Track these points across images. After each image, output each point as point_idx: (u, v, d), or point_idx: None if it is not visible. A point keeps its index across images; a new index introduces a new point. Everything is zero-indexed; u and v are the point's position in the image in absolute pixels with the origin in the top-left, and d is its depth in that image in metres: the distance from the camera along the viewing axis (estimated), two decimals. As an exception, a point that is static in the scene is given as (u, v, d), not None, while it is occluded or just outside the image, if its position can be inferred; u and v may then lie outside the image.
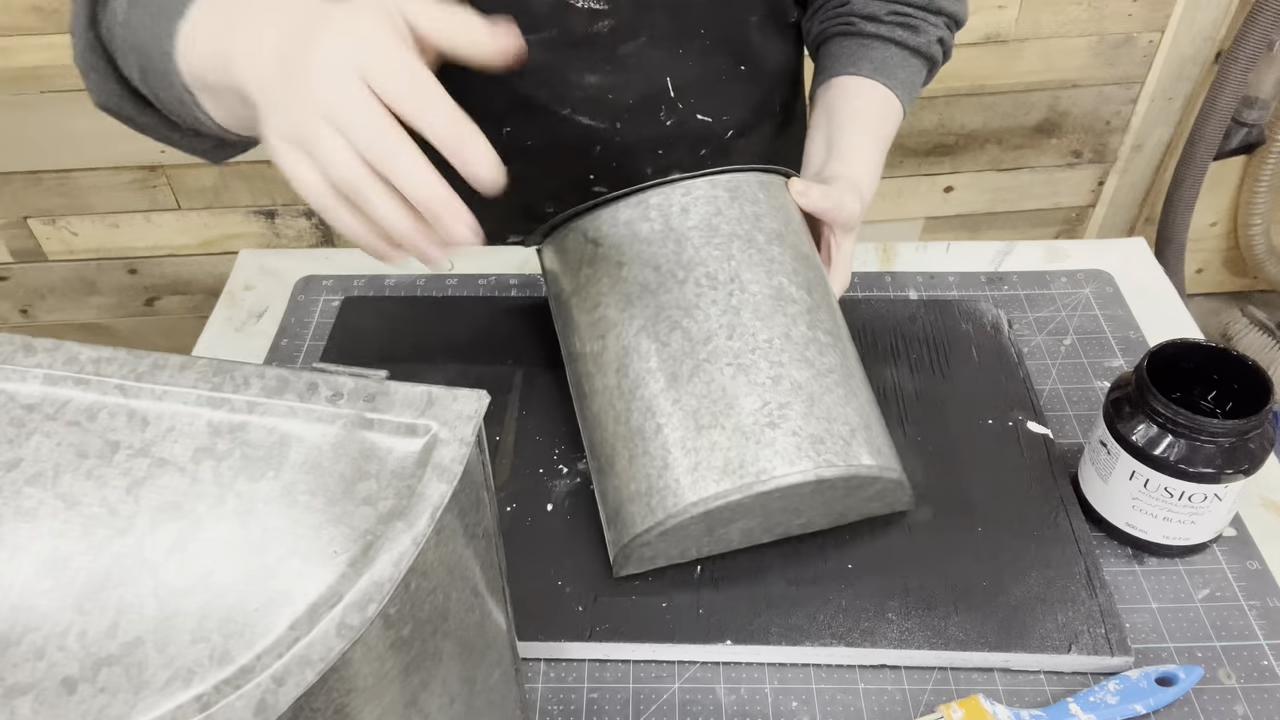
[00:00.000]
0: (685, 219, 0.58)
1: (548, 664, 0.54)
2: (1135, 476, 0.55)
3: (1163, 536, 0.56)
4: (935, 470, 0.62)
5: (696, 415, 0.53)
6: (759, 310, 0.55)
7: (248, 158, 1.59)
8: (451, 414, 0.32)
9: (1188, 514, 0.54)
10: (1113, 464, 0.56)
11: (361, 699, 0.31)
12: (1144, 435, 0.54)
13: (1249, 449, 0.52)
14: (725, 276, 0.56)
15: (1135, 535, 0.57)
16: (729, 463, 0.51)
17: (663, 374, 0.55)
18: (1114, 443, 0.55)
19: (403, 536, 0.29)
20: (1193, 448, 0.52)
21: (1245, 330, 1.69)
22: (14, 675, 0.28)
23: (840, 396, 0.54)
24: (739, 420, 0.52)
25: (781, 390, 0.53)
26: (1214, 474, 0.52)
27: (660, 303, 0.56)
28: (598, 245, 0.59)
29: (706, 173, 0.59)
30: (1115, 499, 0.57)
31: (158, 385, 0.33)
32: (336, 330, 0.74)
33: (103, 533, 0.30)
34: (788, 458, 0.51)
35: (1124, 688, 0.50)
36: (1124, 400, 0.55)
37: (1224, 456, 0.52)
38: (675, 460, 0.52)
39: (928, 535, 0.58)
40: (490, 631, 0.39)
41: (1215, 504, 0.54)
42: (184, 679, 0.27)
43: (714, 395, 0.53)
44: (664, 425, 0.53)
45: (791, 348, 0.54)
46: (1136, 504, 0.55)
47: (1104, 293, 0.75)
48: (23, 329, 1.73)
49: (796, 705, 0.51)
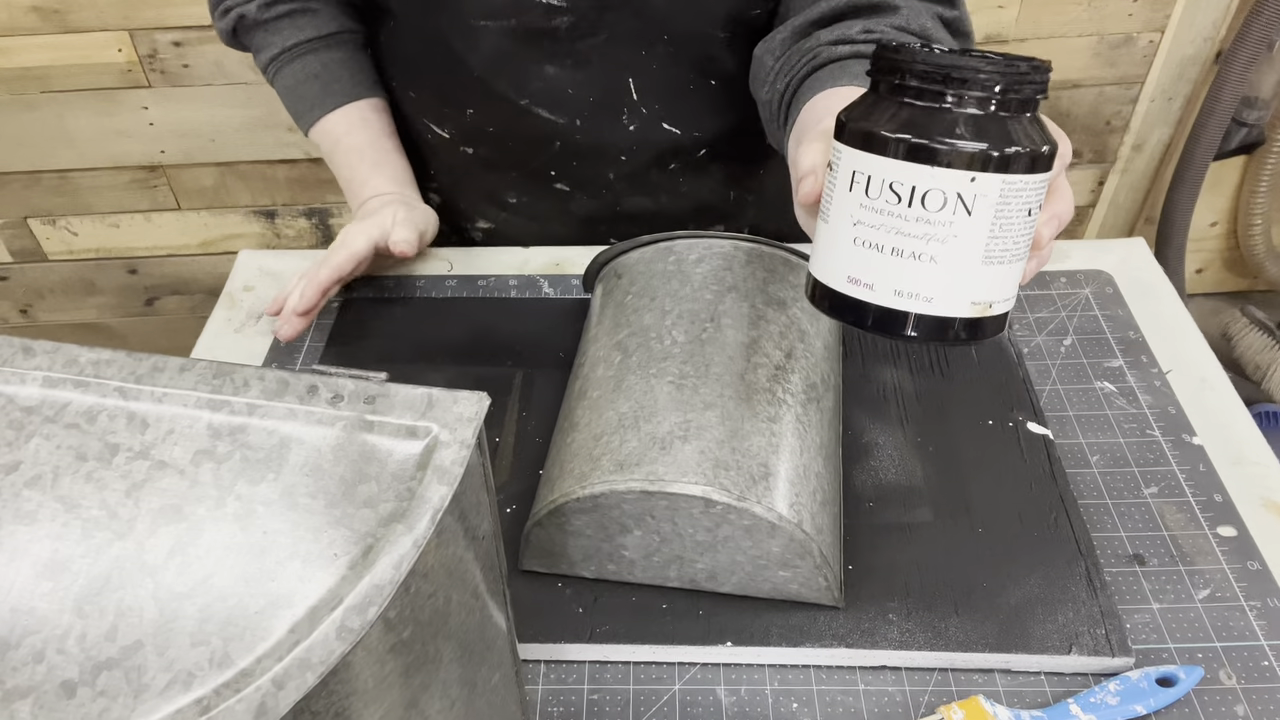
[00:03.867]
0: (697, 266, 0.62)
1: (548, 665, 0.54)
2: (856, 182, 0.41)
3: (893, 292, 0.41)
4: (935, 471, 0.62)
5: (621, 417, 0.54)
6: (724, 350, 0.57)
7: (248, 158, 1.58)
8: (452, 416, 0.32)
9: (922, 236, 0.40)
10: (833, 183, 0.43)
11: (362, 701, 0.31)
12: (874, 111, 0.41)
13: (1008, 128, 0.39)
14: (706, 316, 0.59)
15: (857, 298, 0.42)
16: (626, 460, 0.51)
17: (612, 381, 0.57)
18: (836, 145, 0.42)
19: (403, 539, 0.29)
20: (933, 112, 0.39)
21: (1245, 330, 1.69)
22: (13, 678, 0.28)
23: (770, 446, 0.52)
24: (655, 428, 0.53)
25: (708, 416, 0.53)
26: (954, 151, 0.39)
27: (640, 324, 0.59)
28: (618, 278, 0.65)
29: (737, 236, 0.64)
30: (837, 243, 0.43)
31: (157, 387, 0.33)
32: (336, 332, 0.74)
33: (102, 535, 0.30)
34: (682, 469, 0.50)
35: (1124, 688, 0.50)
36: (851, 104, 0.43)
37: (973, 126, 0.39)
38: (582, 451, 0.54)
39: (928, 536, 0.58)
40: (491, 633, 0.39)
41: (962, 222, 0.40)
42: (184, 682, 0.27)
43: (645, 404, 0.54)
44: (592, 423, 0.55)
45: (740, 387, 0.55)
46: (859, 232, 0.42)
47: (1104, 293, 0.75)
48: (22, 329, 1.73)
49: (797, 706, 0.51)
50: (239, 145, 1.49)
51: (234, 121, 1.46)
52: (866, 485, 0.61)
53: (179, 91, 1.43)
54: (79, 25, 1.35)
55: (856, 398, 0.67)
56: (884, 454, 0.63)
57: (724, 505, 0.50)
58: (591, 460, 0.53)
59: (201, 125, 1.46)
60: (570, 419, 0.58)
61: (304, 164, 1.52)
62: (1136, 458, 0.63)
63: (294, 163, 1.52)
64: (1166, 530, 0.59)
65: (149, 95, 1.43)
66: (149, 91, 1.42)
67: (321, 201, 1.57)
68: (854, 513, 0.59)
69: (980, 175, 0.39)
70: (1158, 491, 0.61)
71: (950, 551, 0.57)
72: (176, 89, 1.42)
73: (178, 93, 1.43)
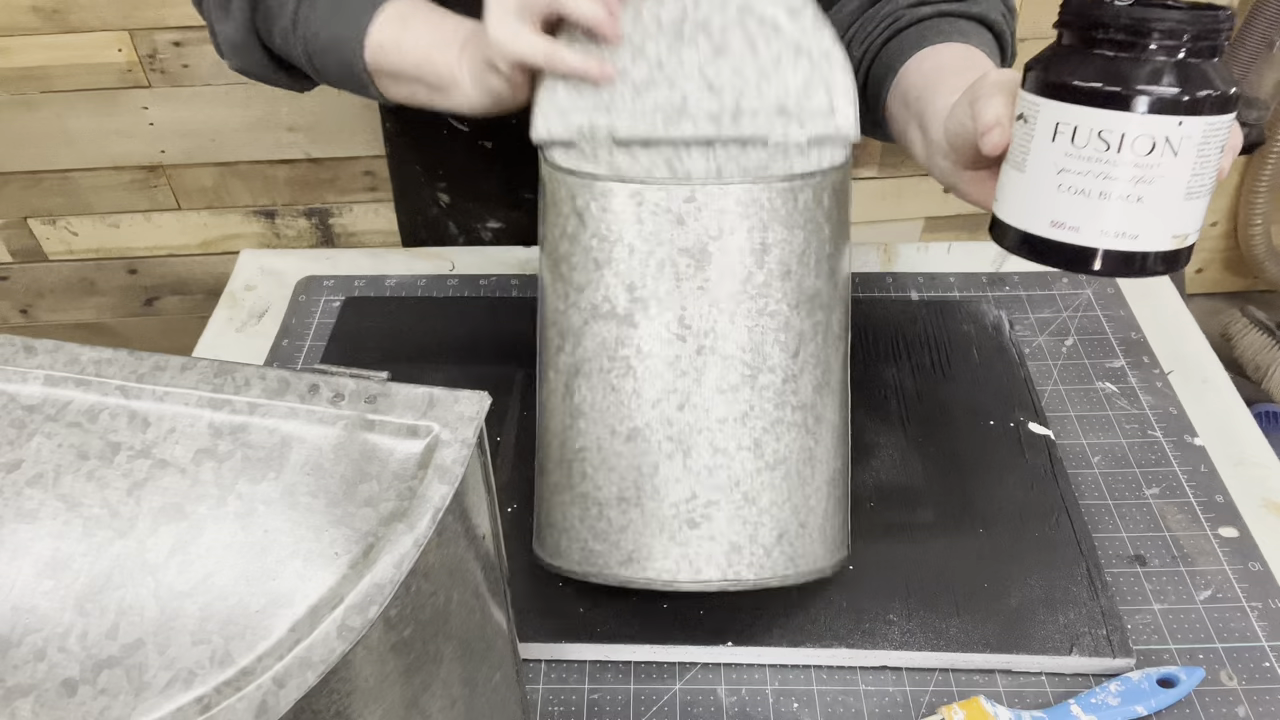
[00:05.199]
0: (677, 234, 0.50)
1: (549, 665, 0.54)
2: (1060, 133, 0.43)
3: (1099, 232, 0.44)
4: (936, 471, 0.62)
5: (621, 485, 0.51)
6: (723, 381, 0.50)
7: (248, 157, 1.59)
8: (453, 415, 0.32)
9: (1131, 179, 0.42)
10: (1031, 134, 0.44)
11: (363, 700, 0.31)
12: (1072, 64, 0.43)
13: (1205, 73, 0.41)
14: (700, 327, 0.50)
15: (1062, 240, 0.45)
16: (636, 551, 0.50)
17: (602, 422, 0.51)
18: (1032, 98, 0.44)
19: (404, 538, 0.29)
20: (1136, 62, 0.41)
21: (1245, 330, 1.69)
22: (14, 677, 0.28)
23: (782, 493, 0.51)
24: (659, 508, 0.50)
25: (715, 483, 0.50)
26: (1162, 98, 0.41)
27: (622, 335, 0.51)
28: (581, 223, 0.52)
29: (718, 182, 0.51)
30: (1036, 190, 0.45)
31: (159, 386, 0.33)
32: (337, 331, 0.74)
33: (104, 534, 0.30)
34: (695, 566, 0.50)
35: (1125, 689, 0.50)
36: (1041, 57, 0.45)
37: (1176, 73, 0.41)
38: (590, 519, 0.51)
39: (929, 537, 0.58)
40: (491, 632, 0.39)
41: (1169, 163, 0.42)
42: (185, 681, 0.27)
43: (645, 469, 0.50)
44: (589, 476, 0.51)
45: (745, 433, 0.50)
46: (1064, 179, 0.44)
47: (1105, 293, 0.75)
48: (23, 329, 1.73)
49: (798, 707, 0.51)
50: (239, 145, 1.49)
51: (234, 121, 1.46)
52: (867, 485, 0.61)
53: (179, 91, 1.43)
54: (79, 25, 1.35)
55: (857, 398, 0.67)
56: (885, 454, 0.63)
57: (741, 589, 0.51)
58: (599, 539, 0.51)
59: (201, 125, 1.46)
60: (562, 446, 0.53)
61: (304, 164, 1.52)
62: (1138, 458, 0.63)
63: (294, 163, 1.51)
64: (1168, 531, 0.59)
65: (149, 95, 1.43)
66: (149, 91, 1.42)
67: (321, 201, 1.57)
68: (855, 513, 0.59)
69: (1187, 119, 0.41)
70: (1159, 492, 0.61)
71: (951, 552, 0.57)
72: (176, 89, 1.42)
73: (178, 93, 1.43)
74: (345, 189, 1.55)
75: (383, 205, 1.57)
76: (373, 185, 1.54)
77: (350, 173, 1.53)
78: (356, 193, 1.56)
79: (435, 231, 0.91)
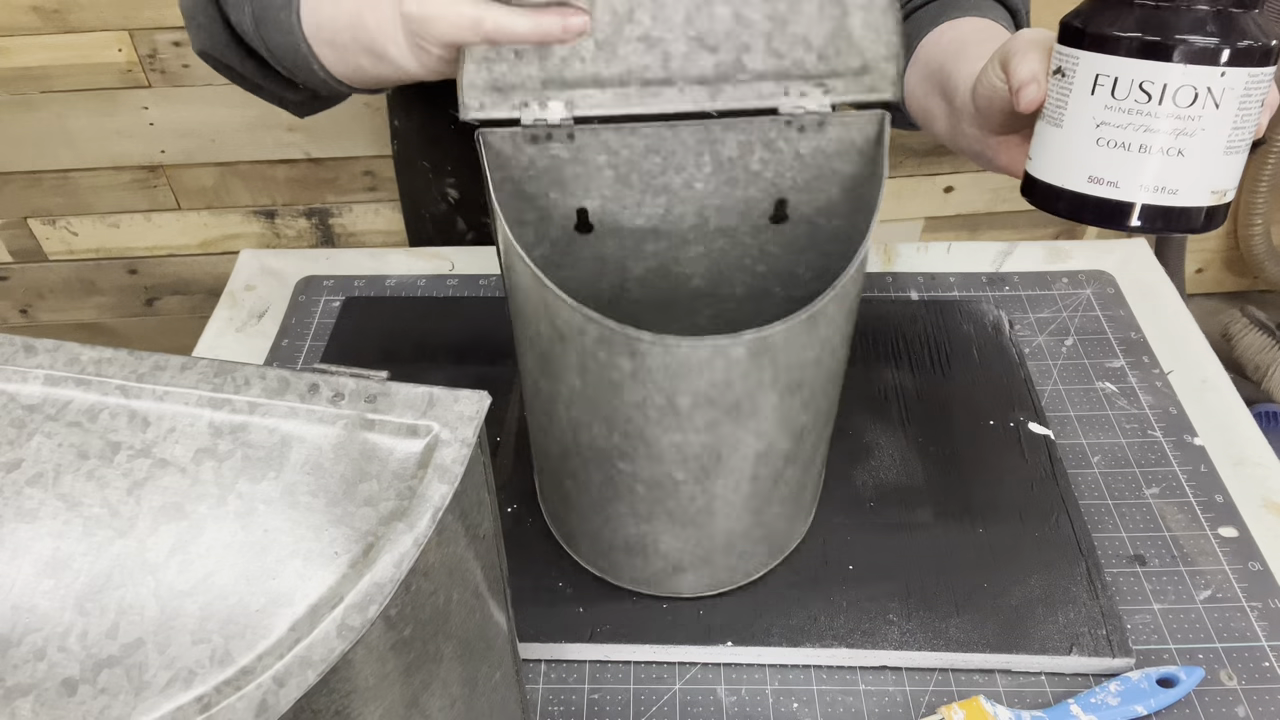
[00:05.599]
0: (682, 381, 0.42)
1: (548, 665, 0.54)
2: (1100, 85, 0.43)
3: (1138, 186, 0.43)
4: (936, 471, 0.62)
5: (628, 537, 0.52)
6: (729, 499, 0.48)
7: (248, 157, 1.58)
8: (453, 415, 0.32)
9: (1173, 131, 0.42)
10: (1069, 88, 0.44)
11: (363, 700, 0.31)
12: (1112, 15, 0.42)
13: (1246, 23, 0.41)
14: (702, 462, 0.46)
15: (1101, 196, 0.44)
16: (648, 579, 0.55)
17: (616, 489, 0.49)
18: (1071, 51, 0.44)
19: (404, 537, 0.29)
20: (1178, 12, 0.41)
21: (1245, 330, 1.69)
22: (14, 676, 0.28)
23: (772, 526, 0.53)
24: (649, 562, 0.53)
25: (714, 545, 0.52)
26: (1205, 48, 0.40)
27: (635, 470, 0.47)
28: (567, 335, 0.43)
29: (730, 338, 0.40)
30: (1073, 146, 0.44)
31: (159, 386, 0.33)
32: (337, 331, 0.74)
33: (104, 533, 0.30)
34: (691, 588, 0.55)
35: (1125, 689, 0.50)
36: (1079, 11, 0.45)
37: (1218, 22, 0.40)
38: (615, 552, 0.54)
39: (928, 537, 0.58)
40: (491, 632, 0.39)
41: (1211, 115, 0.42)
42: (185, 680, 0.27)
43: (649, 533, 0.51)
44: (611, 519, 0.51)
45: (747, 511, 0.50)
46: (1103, 133, 0.43)
47: (1105, 293, 0.75)
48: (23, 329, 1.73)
49: (797, 707, 0.51)
50: (239, 145, 1.49)
51: (234, 121, 1.46)
52: (867, 485, 0.61)
53: (179, 91, 1.43)
54: (79, 25, 1.35)
55: (857, 398, 0.67)
56: (884, 454, 0.63)
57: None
58: (604, 556, 0.54)
59: (201, 125, 1.46)
60: (586, 478, 0.50)
61: (304, 164, 1.52)
62: (1138, 458, 0.63)
63: (294, 163, 1.51)
64: (1167, 531, 0.59)
65: (149, 95, 1.43)
66: (149, 91, 1.42)
67: (321, 201, 1.57)
68: (854, 513, 0.59)
69: (1229, 70, 0.41)
70: (1159, 492, 0.61)
71: (951, 552, 0.57)
72: (176, 89, 1.42)
73: (178, 93, 1.43)
74: (345, 189, 1.55)
75: (383, 205, 1.57)
76: (373, 185, 1.55)
77: (350, 173, 1.53)
78: (356, 193, 1.56)
79: (443, 229, 0.91)
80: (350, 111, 1.44)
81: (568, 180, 0.51)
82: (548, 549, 0.58)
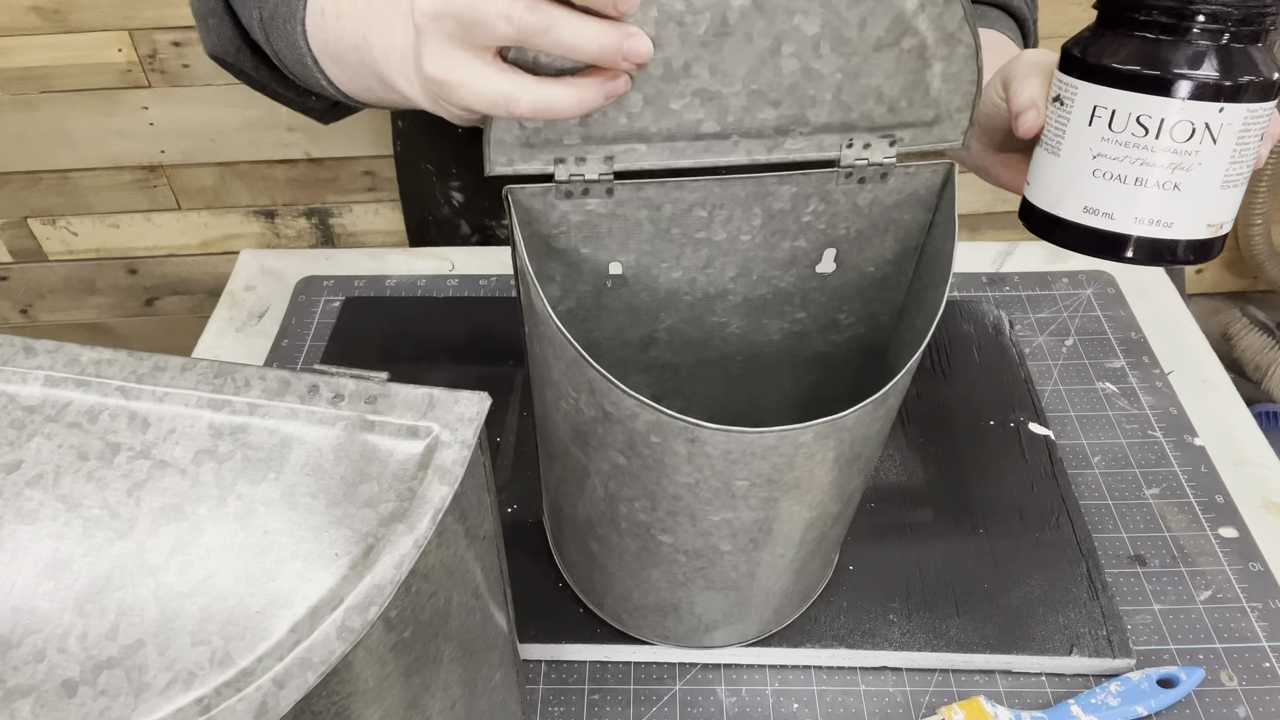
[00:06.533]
0: (741, 467, 0.40)
1: (549, 665, 0.54)
2: (1098, 117, 0.42)
3: (1133, 219, 0.43)
4: (936, 471, 0.62)
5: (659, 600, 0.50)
6: (774, 564, 0.47)
7: (248, 157, 1.58)
8: (453, 416, 0.32)
9: (1169, 165, 0.42)
10: (1067, 117, 0.44)
11: (363, 701, 0.31)
12: (1112, 46, 0.42)
13: (1249, 58, 0.40)
14: (752, 535, 0.44)
15: (1095, 227, 0.44)
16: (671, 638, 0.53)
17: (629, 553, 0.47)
18: (1070, 80, 0.43)
19: (404, 539, 0.29)
20: (1178, 46, 0.40)
21: (1245, 330, 1.69)
22: (14, 678, 0.28)
23: (805, 576, 0.51)
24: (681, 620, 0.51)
25: (746, 600, 0.50)
26: (1204, 84, 0.40)
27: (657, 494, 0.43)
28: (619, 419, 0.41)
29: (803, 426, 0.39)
30: (1070, 175, 0.44)
31: (159, 387, 0.33)
32: (337, 331, 0.74)
33: (103, 535, 0.30)
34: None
35: (1125, 689, 0.50)
36: (1080, 39, 0.44)
37: (1219, 58, 0.40)
38: (629, 592, 0.51)
39: (929, 537, 0.58)
40: (491, 633, 0.39)
41: (1208, 150, 0.41)
42: (185, 681, 0.27)
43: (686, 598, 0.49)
44: (643, 584, 0.49)
45: (786, 568, 0.49)
46: (1099, 164, 0.43)
47: (1105, 293, 0.75)
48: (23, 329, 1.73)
49: (798, 707, 0.51)
50: (239, 145, 1.49)
51: (234, 121, 1.46)
52: (868, 485, 0.61)
53: (179, 91, 1.42)
54: (79, 25, 1.35)
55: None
56: (885, 454, 0.63)
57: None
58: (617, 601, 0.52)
59: (201, 125, 1.46)
60: (606, 525, 0.47)
61: (304, 164, 1.52)
62: (1138, 458, 0.63)
63: (294, 163, 1.51)
64: (1168, 531, 0.59)
65: (149, 95, 1.43)
66: (149, 91, 1.42)
67: (321, 201, 1.57)
68: (855, 512, 0.59)
69: (1228, 105, 0.40)
70: (1159, 492, 0.61)
71: (951, 552, 0.57)
72: (176, 89, 1.42)
73: (178, 93, 1.43)
74: (345, 189, 1.55)
75: (383, 205, 1.57)
76: (373, 185, 1.54)
77: (350, 173, 1.53)
78: (356, 193, 1.56)
79: (446, 231, 0.90)
80: (350, 111, 1.44)
81: (602, 236, 0.47)
82: (548, 549, 0.58)
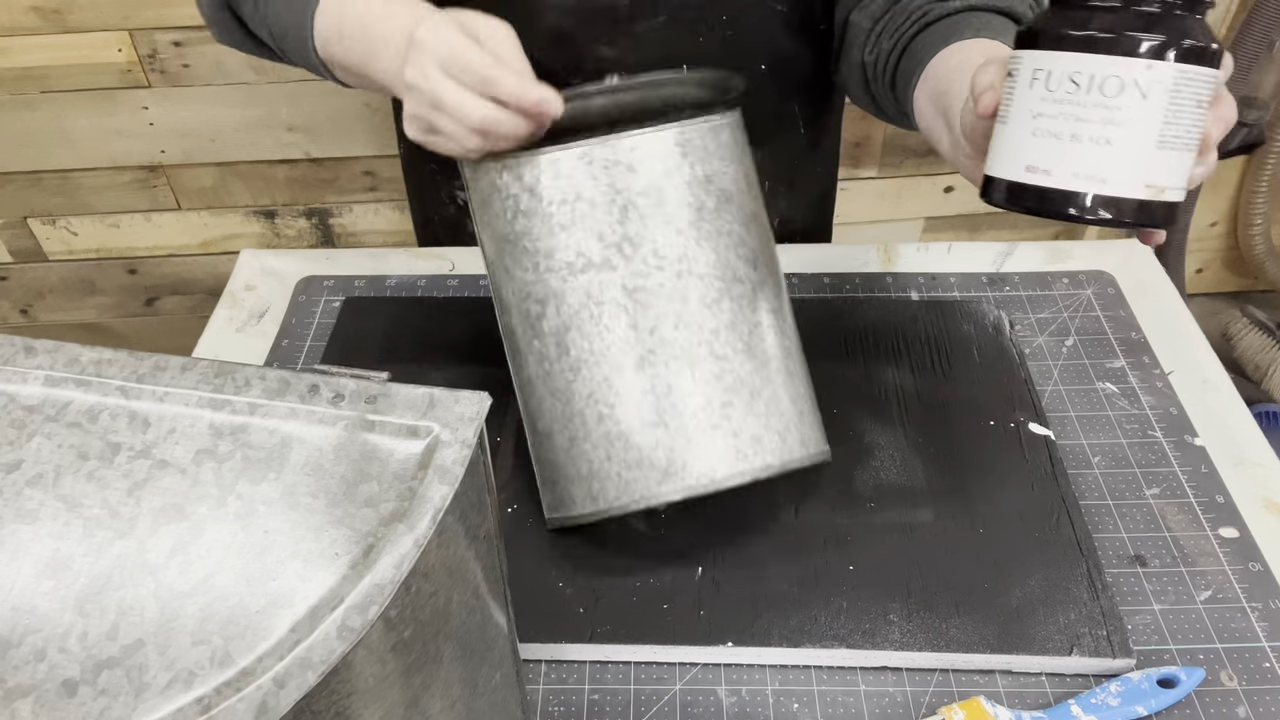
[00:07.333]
0: (632, 180, 0.54)
1: (549, 665, 0.54)
2: (1036, 79, 0.45)
3: (1070, 174, 0.44)
4: (936, 471, 0.62)
5: (640, 409, 0.53)
6: (706, 295, 0.54)
7: (248, 157, 1.58)
8: (453, 416, 0.32)
9: (1100, 121, 0.43)
10: (1013, 86, 0.46)
11: (363, 701, 0.31)
12: (1055, 18, 0.45)
13: (1181, 23, 0.43)
14: (674, 254, 0.54)
15: (1034, 184, 0.45)
16: (671, 464, 0.53)
17: (607, 362, 0.54)
18: (1017, 53, 0.46)
19: (404, 538, 0.29)
20: (1112, 11, 0.43)
21: (1245, 330, 1.69)
22: (15, 677, 0.28)
23: (780, 385, 0.56)
24: (682, 420, 0.53)
25: (725, 386, 0.54)
26: (1128, 39, 0.42)
27: (604, 280, 0.54)
28: (535, 196, 0.55)
29: (653, 129, 0.54)
30: (1014, 138, 0.46)
31: (159, 387, 0.33)
32: (338, 331, 0.74)
33: (104, 534, 0.30)
34: (728, 461, 0.53)
35: (1125, 689, 0.50)
36: (1035, 18, 0.47)
37: (1148, 18, 0.43)
38: (617, 453, 0.54)
39: (929, 537, 0.58)
40: (491, 633, 0.39)
41: (1138, 106, 0.43)
42: (185, 681, 0.27)
43: (659, 390, 0.53)
44: (606, 416, 0.54)
45: (736, 338, 0.54)
46: (1038, 123, 0.45)
47: (1105, 293, 0.75)
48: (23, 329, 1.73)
49: (798, 707, 0.51)
50: (239, 145, 1.49)
51: (234, 121, 1.46)
52: (867, 485, 0.61)
53: (179, 91, 1.42)
54: (79, 25, 1.34)
55: (857, 398, 0.67)
56: (885, 454, 0.63)
57: (770, 476, 0.54)
58: (633, 466, 0.54)
59: (201, 125, 1.46)
60: (568, 402, 0.55)
61: (304, 164, 1.52)
62: (1138, 458, 0.63)
63: (294, 163, 1.51)
64: (1168, 531, 0.59)
65: (149, 95, 1.43)
66: (149, 91, 1.42)
67: (321, 201, 1.57)
68: (855, 512, 0.59)
69: (1155, 62, 0.42)
70: (1159, 492, 0.61)
71: (951, 552, 0.57)
72: (176, 89, 1.42)
73: (178, 93, 1.43)
74: (345, 189, 1.55)
75: (383, 205, 1.57)
76: (373, 185, 1.54)
77: (350, 173, 1.53)
78: (356, 193, 1.56)
79: (452, 231, 0.90)
80: (351, 111, 1.44)
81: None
82: (548, 549, 0.58)
